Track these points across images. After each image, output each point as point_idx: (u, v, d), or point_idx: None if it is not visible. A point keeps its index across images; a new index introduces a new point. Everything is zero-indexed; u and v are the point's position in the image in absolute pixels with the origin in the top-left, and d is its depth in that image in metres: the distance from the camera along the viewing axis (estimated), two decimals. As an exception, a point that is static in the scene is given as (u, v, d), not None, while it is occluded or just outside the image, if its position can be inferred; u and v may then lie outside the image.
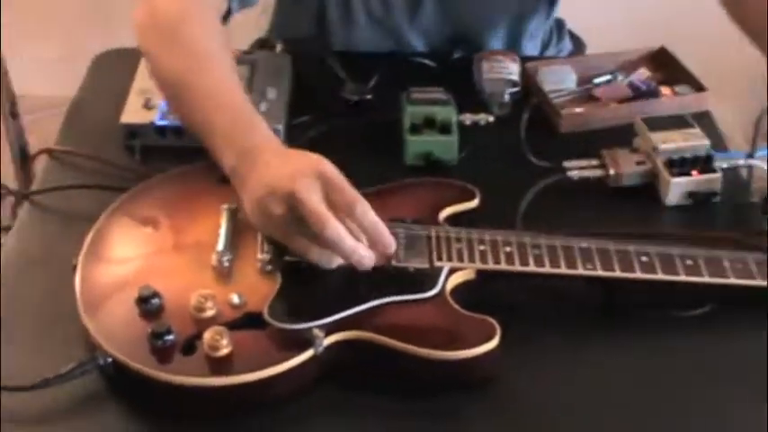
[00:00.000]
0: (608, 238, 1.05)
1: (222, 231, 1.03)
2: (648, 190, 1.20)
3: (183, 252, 1.03)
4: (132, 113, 1.25)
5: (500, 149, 1.27)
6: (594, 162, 1.21)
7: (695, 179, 1.17)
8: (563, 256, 1.02)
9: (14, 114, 1.98)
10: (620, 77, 1.41)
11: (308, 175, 0.95)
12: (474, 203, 1.12)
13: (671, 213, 1.18)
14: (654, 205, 1.19)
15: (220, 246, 1.02)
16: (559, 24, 1.62)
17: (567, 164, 1.20)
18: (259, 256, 1.01)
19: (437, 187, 1.14)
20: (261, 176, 0.98)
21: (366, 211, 0.95)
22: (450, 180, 1.15)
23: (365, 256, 0.96)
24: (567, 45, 1.63)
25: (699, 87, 1.36)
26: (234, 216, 1.06)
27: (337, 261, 0.97)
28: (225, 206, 1.06)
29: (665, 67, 1.42)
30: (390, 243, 0.97)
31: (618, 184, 1.20)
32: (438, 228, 1.06)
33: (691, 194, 1.18)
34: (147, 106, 1.25)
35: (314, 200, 0.93)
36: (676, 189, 1.17)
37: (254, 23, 1.57)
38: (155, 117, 1.24)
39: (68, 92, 1.39)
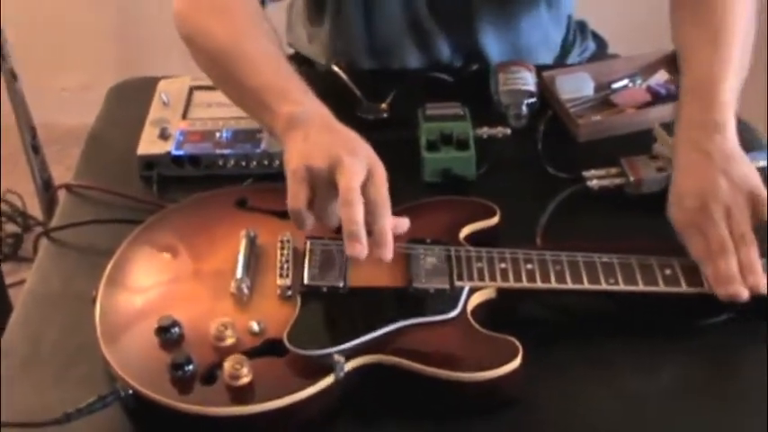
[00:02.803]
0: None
1: (240, 258, 1.03)
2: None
3: (201, 280, 1.03)
4: (148, 144, 1.25)
5: (519, 162, 1.26)
6: (614, 170, 1.19)
7: (717, 184, 1.15)
8: (585, 271, 1.01)
9: (36, 148, 1.98)
10: (638, 81, 1.39)
11: (363, 157, 0.99)
12: (494, 221, 1.10)
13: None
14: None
15: (239, 273, 1.01)
16: (582, 26, 1.61)
17: (585, 173, 1.19)
18: (278, 281, 1.01)
19: (456, 206, 1.13)
20: (325, 130, 1.03)
21: (384, 217, 0.97)
22: (470, 198, 1.14)
23: (362, 250, 0.95)
24: (591, 45, 1.62)
25: (719, 89, 1.34)
26: (252, 242, 1.05)
27: (311, 225, 0.99)
28: (243, 232, 1.05)
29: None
30: (387, 256, 0.97)
31: (639, 192, 1.18)
32: (458, 247, 1.05)
33: (713, 199, 1.15)
34: (163, 136, 1.25)
35: (355, 178, 0.96)
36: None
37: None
38: (171, 147, 1.24)
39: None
